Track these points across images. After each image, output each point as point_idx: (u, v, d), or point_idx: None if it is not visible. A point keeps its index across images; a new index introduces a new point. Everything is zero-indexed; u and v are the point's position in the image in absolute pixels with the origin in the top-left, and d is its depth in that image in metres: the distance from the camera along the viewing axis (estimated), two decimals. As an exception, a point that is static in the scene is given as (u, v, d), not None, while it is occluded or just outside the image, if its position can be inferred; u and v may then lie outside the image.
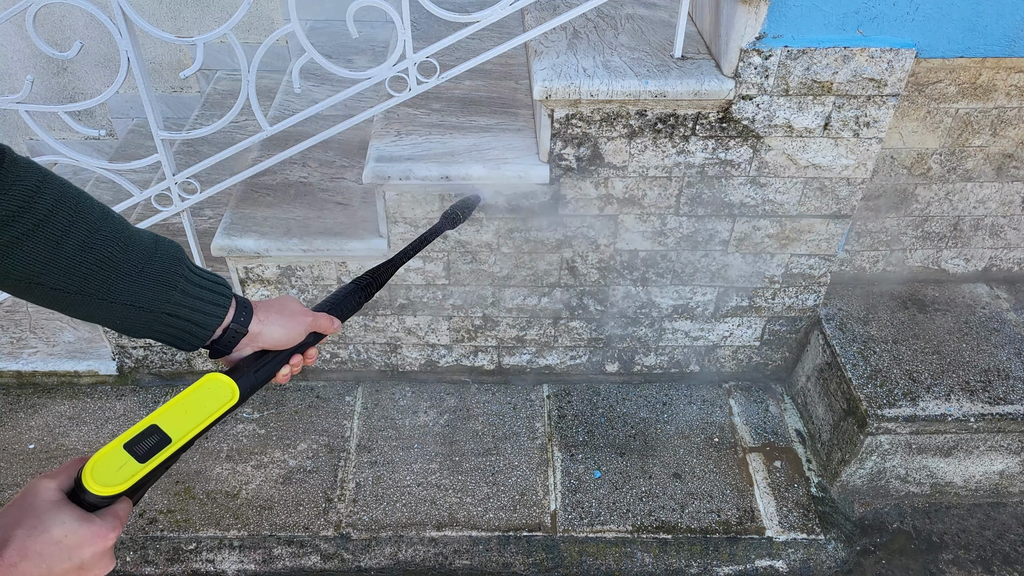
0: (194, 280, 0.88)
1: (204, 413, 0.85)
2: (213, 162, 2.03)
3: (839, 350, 2.28)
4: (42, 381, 2.50)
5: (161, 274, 0.85)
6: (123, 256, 0.82)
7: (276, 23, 3.25)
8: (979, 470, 2.28)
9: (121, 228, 0.83)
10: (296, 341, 0.97)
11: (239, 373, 0.92)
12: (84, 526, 0.73)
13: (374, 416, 2.45)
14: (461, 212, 1.27)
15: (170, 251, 0.87)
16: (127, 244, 0.83)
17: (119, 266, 0.82)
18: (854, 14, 1.80)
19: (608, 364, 2.55)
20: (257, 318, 0.93)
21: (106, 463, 0.76)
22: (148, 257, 0.84)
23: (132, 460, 0.77)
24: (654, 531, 2.19)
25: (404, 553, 2.15)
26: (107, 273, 0.81)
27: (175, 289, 0.86)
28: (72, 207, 0.79)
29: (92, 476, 0.75)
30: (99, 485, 0.75)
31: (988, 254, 2.49)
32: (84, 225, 0.80)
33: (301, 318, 0.97)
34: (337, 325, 1.04)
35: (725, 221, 2.17)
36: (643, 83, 1.86)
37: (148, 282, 0.84)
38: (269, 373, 0.95)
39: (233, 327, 0.91)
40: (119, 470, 0.76)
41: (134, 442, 0.78)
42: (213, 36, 1.77)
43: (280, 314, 0.95)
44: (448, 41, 1.84)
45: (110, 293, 0.82)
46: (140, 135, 3.43)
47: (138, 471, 0.77)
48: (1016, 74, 2.06)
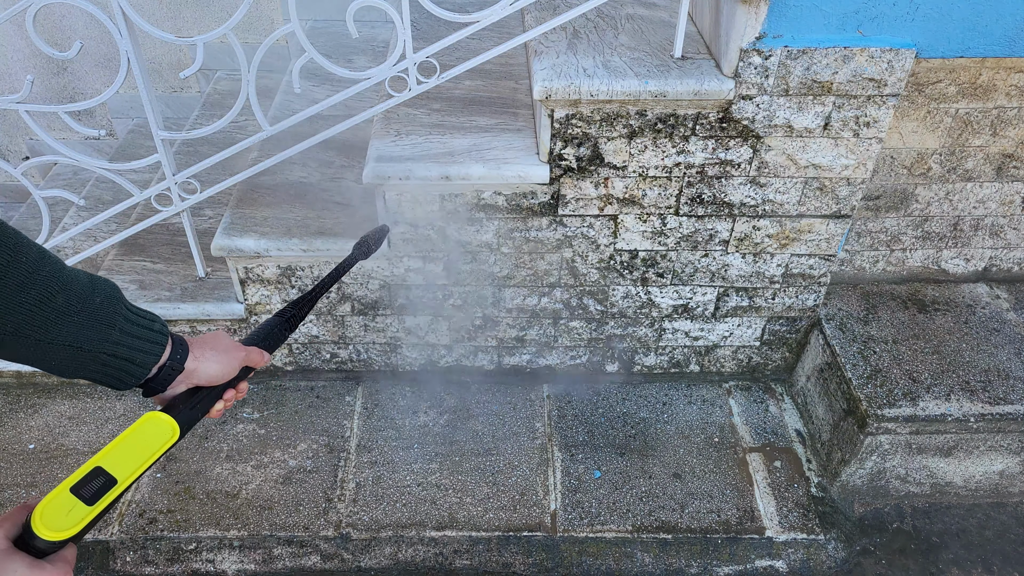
0: (131, 319, 0.88)
1: (147, 452, 0.86)
2: (213, 162, 2.03)
3: (839, 350, 2.28)
4: (42, 381, 2.50)
5: (99, 313, 0.84)
6: (62, 295, 0.81)
7: (276, 23, 3.25)
8: (979, 470, 2.28)
9: (58, 268, 0.82)
10: (230, 377, 0.98)
11: (175, 411, 0.92)
12: (34, 572, 0.73)
13: (374, 416, 2.45)
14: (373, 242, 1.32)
15: (107, 290, 0.86)
16: (66, 283, 0.81)
17: (58, 306, 0.80)
18: (854, 14, 1.80)
19: (608, 364, 2.55)
20: (193, 355, 0.93)
21: (55, 508, 0.76)
22: (87, 296, 0.83)
23: (80, 504, 0.77)
24: (654, 531, 2.19)
25: (404, 553, 2.15)
26: (45, 313, 0.79)
27: (114, 328, 0.85)
28: (10, 248, 0.77)
29: (42, 522, 0.75)
30: (50, 531, 0.75)
31: (988, 254, 2.49)
32: (22, 266, 0.78)
33: (235, 353, 0.98)
34: (267, 358, 1.05)
35: (725, 221, 2.17)
36: (643, 83, 1.86)
37: (86, 321, 0.83)
38: (204, 409, 0.96)
39: (170, 364, 0.91)
40: (68, 514, 0.77)
41: (80, 485, 0.79)
42: (213, 36, 1.78)
43: (215, 350, 0.96)
44: (448, 41, 1.84)
45: (47, 334, 0.80)
46: (140, 135, 3.43)
47: (87, 514, 0.78)
48: (1016, 74, 2.06)
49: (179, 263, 2.45)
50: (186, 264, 2.43)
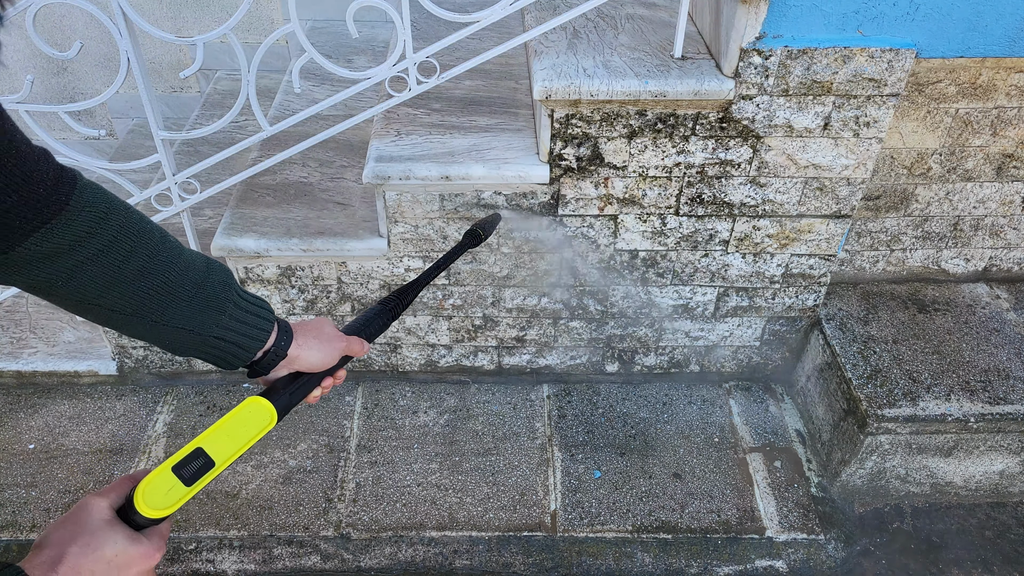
0: (241, 305, 0.92)
1: (246, 436, 0.90)
2: (213, 162, 2.03)
3: (839, 350, 2.28)
4: (42, 381, 2.50)
5: (212, 299, 0.89)
6: (178, 282, 0.86)
7: (276, 23, 3.25)
8: (979, 470, 2.28)
9: (177, 253, 0.87)
10: (330, 365, 1.01)
11: (275, 395, 0.96)
12: (133, 546, 0.77)
13: (374, 416, 2.45)
14: (483, 230, 1.32)
15: (220, 276, 0.91)
16: (183, 270, 0.86)
17: (174, 291, 0.85)
18: (854, 14, 1.80)
19: (608, 364, 2.55)
20: (296, 342, 0.97)
21: (156, 486, 0.81)
22: (201, 283, 0.88)
23: (179, 484, 0.82)
24: (654, 531, 2.19)
25: (404, 553, 2.15)
26: (162, 298, 0.85)
27: (224, 314, 0.90)
28: (135, 233, 0.82)
29: (144, 499, 0.79)
30: (150, 508, 0.79)
31: (988, 254, 2.49)
32: (144, 251, 0.83)
33: (336, 343, 1.01)
34: (367, 348, 1.08)
35: (725, 221, 2.17)
36: (643, 83, 1.86)
37: (200, 306, 0.88)
38: (302, 395, 0.99)
39: (273, 350, 0.95)
40: (167, 493, 0.81)
41: (181, 465, 0.83)
42: (213, 36, 1.77)
43: (317, 339, 0.99)
44: (448, 41, 1.84)
45: (163, 316, 0.86)
46: (140, 135, 3.43)
47: (184, 494, 0.82)
48: (1016, 74, 2.06)
49: (179, 263, 2.45)
50: (186, 264, 2.42)
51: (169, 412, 2.44)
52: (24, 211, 0.73)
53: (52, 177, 0.75)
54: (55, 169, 0.76)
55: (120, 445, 2.34)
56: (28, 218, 0.74)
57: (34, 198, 0.73)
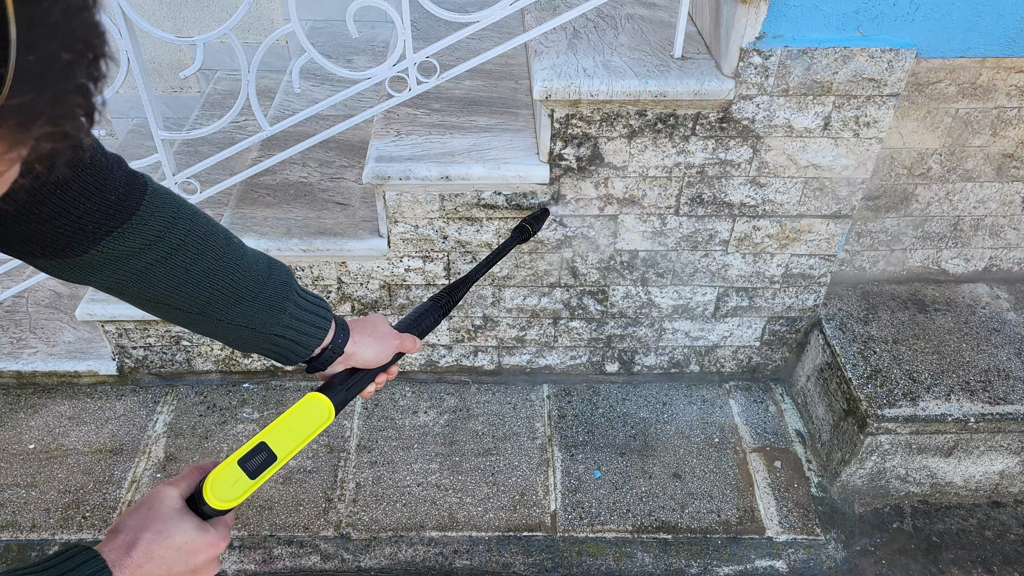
0: (301, 304, 0.96)
1: (305, 431, 0.93)
2: (213, 162, 2.03)
3: (839, 350, 2.28)
4: (42, 381, 2.50)
5: (273, 299, 0.93)
6: (242, 282, 0.90)
7: (276, 23, 3.25)
8: (979, 470, 2.28)
9: (241, 255, 0.91)
10: (384, 362, 1.06)
11: (332, 390, 1.00)
12: (202, 535, 0.81)
13: (374, 416, 2.45)
14: (531, 225, 1.33)
15: (282, 276, 0.95)
16: (246, 271, 0.91)
17: (238, 292, 0.90)
18: (854, 14, 1.80)
19: (608, 364, 2.55)
20: (352, 340, 1.01)
21: (223, 478, 0.84)
22: (263, 283, 0.92)
23: (245, 476, 0.86)
24: (654, 531, 2.19)
25: (404, 553, 2.15)
26: (227, 297, 0.89)
27: (284, 313, 0.94)
28: (201, 236, 0.86)
29: (212, 491, 0.83)
30: (218, 500, 0.83)
31: (988, 254, 2.49)
32: (210, 253, 0.87)
33: (391, 340, 1.06)
34: (419, 344, 1.11)
35: (725, 221, 2.17)
36: (643, 83, 1.86)
37: (262, 306, 0.92)
38: (358, 390, 1.04)
39: (331, 347, 0.99)
40: (233, 485, 0.85)
41: (246, 458, 0.87)
42: (213, 36, 1.78)
43: (372, 336, 1.03)
44: (448, 41, 1.84)
45: (228, 315, 0.90)
46: (140, 135, 3.43)
47: (249, 487, 0.85)
48: (1016, 74, 2.06)
49: (179, 263, 2.45)
50: (186, 264, 2.42)
51: (169, 412, 2.44)
52: (97, 216, 0.77)
53: (124, 183, 0.79)
54: (127, 175, 0.80)
55: (120, 445, 2.34)
56: (101, 223, 0.77)
57: (107, 204, 0.77)
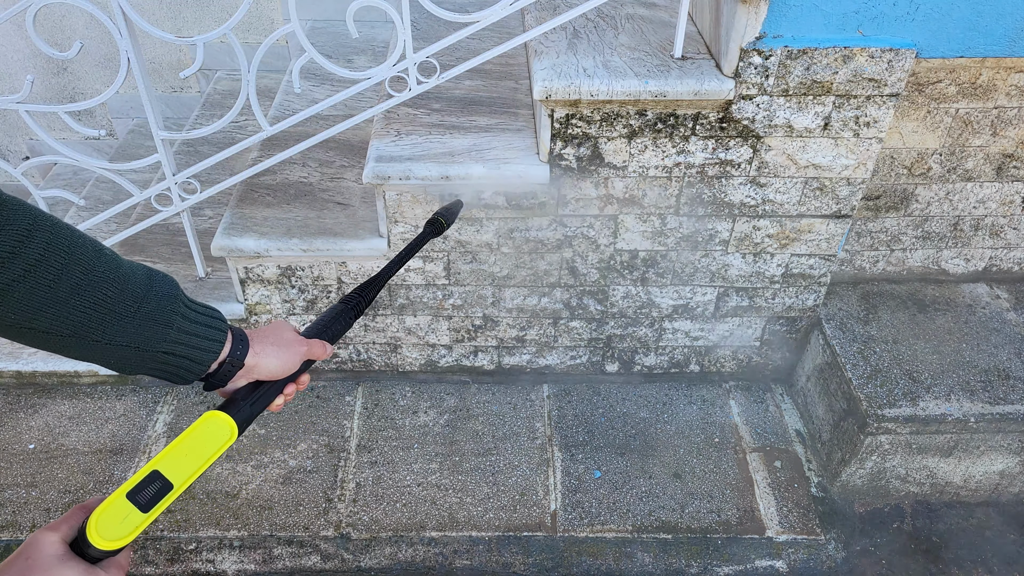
0: (190, 316, 0.87)
1: (204, 455, 0.85)
2: (213, 162, 2.03)
3: (839, 350, 2.28)
4: (42, 381, 2.50)
5: (156, 313, 0.83)
6: (118, 297, 0.80)
7: (276, 23, 3.25)
8: (979, 470, 2.28)
9: (114, 267, 0.81)
10: (291, 371, 0.97)
11: (235, 407, 0.91)
12: None
13: (374, 416, 2.45)
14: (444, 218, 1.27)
15: (164, 288, 0.85)
16: (122, 284, 0.81)
17: (114, 307, 0.80)
18: (854, 14, 1.80)
19: (608, 364, 2.55)
20: (253, 350, 0.92)
21: (110, 515, 0.76)
22: (143, 296, 0.82)
23: (135, 510, 0.77)
24: (654, 531, 2.19)
25: (404, 553, 2.15)
26: (102, 315, 0.79)
27: (171, 327, 0.84)
28: (65, 249, 0.77)
29: (97, 531, 0.75)
30: (104, 540, 0.75)
31: (988, 254, 2.49)
32: (77, 267, 0.77)
33: (296, 348, 0.97)
34: (330, 350, 1.02)
35: (725, 221, 2.17)
36: (643, 83, 1.86)
37: (144, 321, 0.82)
38: (264, 404, 0.95)
39: (229, 361, 0.90)
40: (123, 522, 0.76)
41: (136, 490, 0.79)
42: (213, 36, 1.78)
43: (276, 345, 0.94)
44: (448, 41, 1.84)
45: (104, 335, 0.80)
46: (140, 135, 3.43)
47: (141, 522, 0.77)
48: (1016, 74, 2.06)
49: (179, 263, 2.45)
50: (186, 264, 2.43)
51: (169, 412, 2.44)
52: None
53: None
54: None
55: (120, 445, 2.34)
56: None
57: None
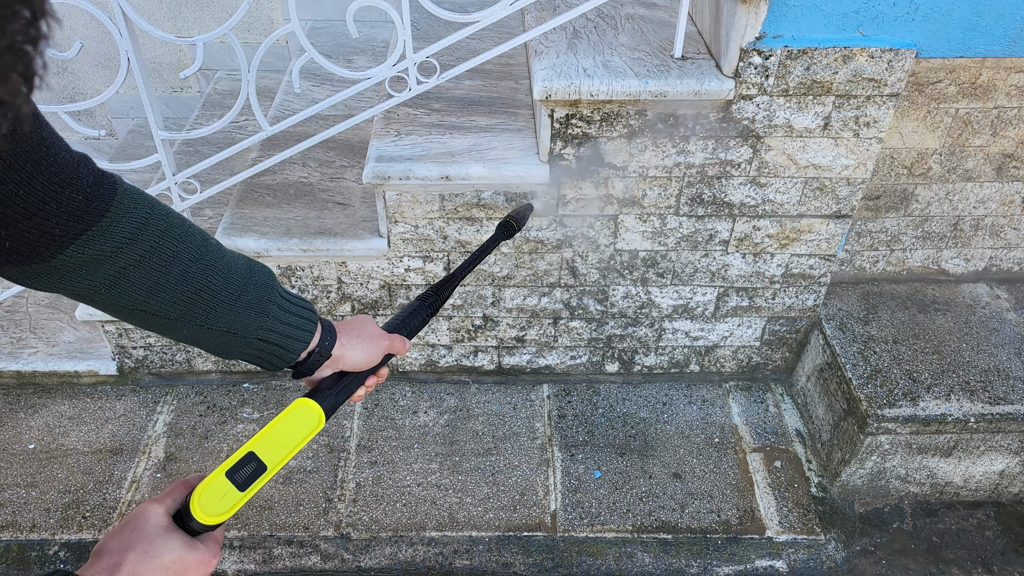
0: (284, 307, 0.92)
1: (296, 439, 0.90)
2: (213, 162, 2.03)
3: (839, 350, 2.28)
4: (42, 381, 2.50)
5: (255, 302, 0.88)
6: (221, 285, 0.86)
7: (276, 23, 3.25)
8: (979, 470, 2.28)
9: (219, 257, 0.87)
10: (373, 364, 1.01)
11: (322, 395, 0.96)
12: (191, 552, 0.77)
13: (374, 416, 2.45)
14: (516, 221, 1.29)
15: (262, 278, 0.91)
16: (226, 273, 0.86)
17: (217, 295, 0.85)
18: (854, 14, 1.80)
19: (608, 364, 2.55)
20: (340, 342, 0.97)
21: (211, 492, 0.81)
22: (243, 285, 0.88)
23: (234, 489, 0.82)
24: (654, 531, 2.19)
25: (404, 553, 2.15)
26: (207, 301, 0.85)
27: (267, 316, 0.90)
28: (177, 238, 0.82)
29: (200, 506, 0.80)
30: (207, 515, 0.79)
31: (988, 254, 2.49)
32: (186, 255, 0.83)
33: (379, 342, 1.01)
34: (408, 345, 1.07)
35: (725, 221, 2.17)
36: (643, 83, 1.86)
37: (244, 310, 0.88)
38: (348, 394, 1.00)
39: (318, 351, 0.95)
40: (222, 499, 0.81)
41: (235, 469, 0.83)
42: (213, 36, 1.77)
43: (360, 338, 0.99)
44: (448, 41, 1.84)
45: (207, 320, 0.85)
46: (140, 135, 3.43)
47: (239, 500, 0.82)
48: (1016, 74, 2.06)
49: (179, 263, 2.45)
50: (186, 264, 2.42)
51: (169, 412, 2.44)
52: (64, 218, 0.72)
53: (91, 183, 0.74)
54: (95, 175, 0.75)
55: (120, 445, 2.34)
56: (68, 225, 0.73)
57: (73, 205, 0.72)
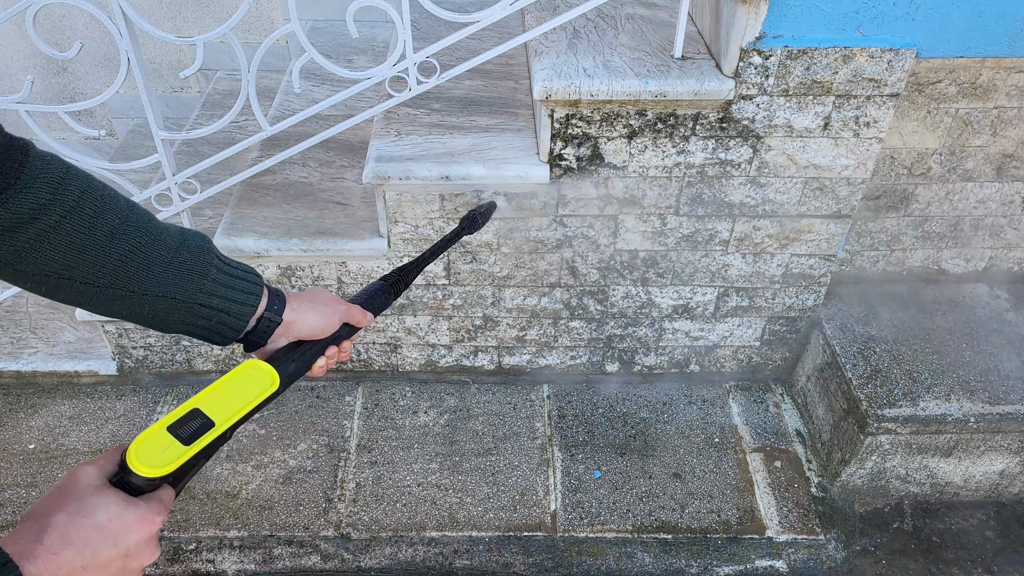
0: (225, 270, 0.86)
1: (246, 398, 0.82)
2: (213, 162, 2.03)
3: (839, 350, 2.28)
4: (42, 381, 2.50)
5: (191, 263, 0.83)
6: (152, 245, 0.80)
7: (276, 23, 3.25)
8: (979, 470, 2.28)
9: (147, 219, 0.82)
10: (331, 330, 0.95)
11: (276, 361, 0.89)
12: (129, 510, 0.70)
13: (374, 416, 2.45)
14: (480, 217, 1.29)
15: (198, 241, 0.85)
16: (156, 234, 0.81)
17: (148, 256, 0.80)
18: (854, 14, 1.80)
19: (608, 364, 2.55)
20: (290, 306, 0.91)
21: (150, 445, 0.73)
22: (177, 247, 0.82)
23: (176, 442, 0.74)
24: (654, 531, 2.19)
25: (404, 553, 2.15)
26: (137, 263, 0.80)
27: (206, 278, 0.84)
28: (98, 198, 0.78)
29: (137, 457, 0.72)
30: (145, 466, 0.71)
31: (988, 254, 2.49)
32: (111, 215, 0.78)
33: (335, 306, 0.95)
34: (369, 318, 1.01)
35: (725, 221, 2.17)
36: (643, 83, 1.86)
37: (178, 271, 0.82)
38: (306, 362, 0.93)
39: (267, 316, 0.89)
40: (164, 452, 0.73)
41: (177, 425, 0.75)
42: (213, 36, 1.77)
43: (313, 303, 0.93)
44: (448, 41, 1.84)
45: (140, 284, 0.80)
46: (140, 135, 3.43)
47: (183, 453, 0.74)
48: (1016, 74, 2.06)
49: (179, 263, 2.45)
50: (186, 264, 2.42)
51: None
52: None
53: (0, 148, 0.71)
54: (3, 140, 0.72)
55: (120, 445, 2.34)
56: None
57: None
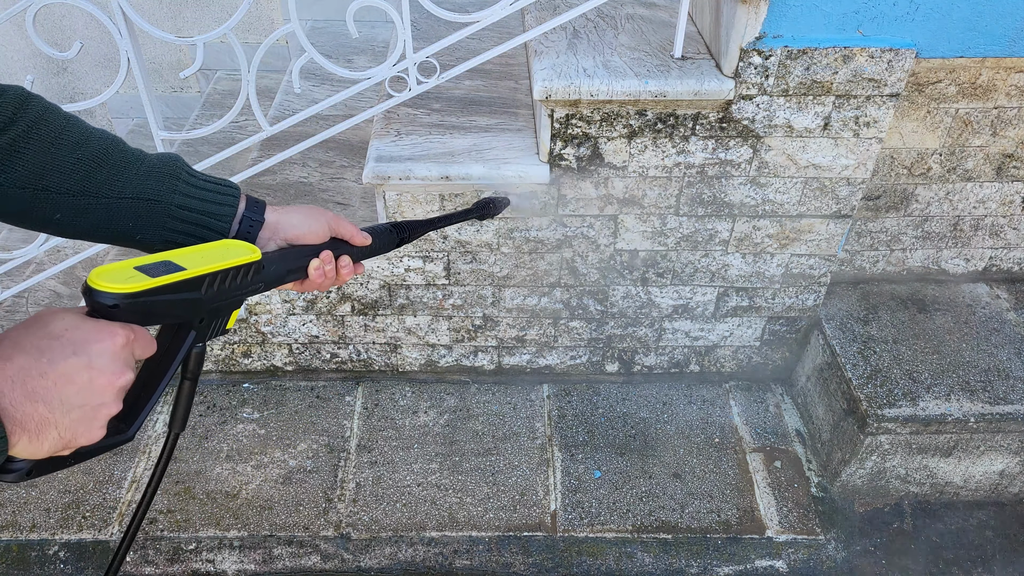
0: (195, 174, 0.87)
1: (221, 258, 0.79)
2: (213, 162, 2.03)
3: (839, 350, 2.28)
4: (42, 381, 2.50)
5: (161, 166, 0.84)
6: (120, 151, 0.82)
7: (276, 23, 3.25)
8: (979, 470, 2.28)
9: (113, 136, 0.84)
10: (318, 234, 0.93)
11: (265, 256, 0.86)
12: (88, 321, 0.65)
13: (374, 416, 2.45)
14: (493, 207, 1.29)
15: (167, 153, 0.87)
16: (120, 144, 0.84)
17: (117, 160, 0.82)
18: (854, 14, 1.80)
19: (608, 364, 2.55)
20: (271, 208, 0.90)
21: (114, 271, 0.70)
22: (142, 156, 0.84)
23: (142, 274, 0.71)
24: (654, 531, 2.19)
25: (404, 553, 2.15)
26: (108, 168, 0.81)
27: (179, 180, 0.84)
28: (60, 114, 0.81)
29: (99, 276, 0.69)
30: (107, 283, 0.68)
31: (988, 254, 2.49)
32: (76, 127, 0.81)
33: (320, 210, 0.94)
34: (362, 239, 0.98)
35: (725, 221, 2.17)
36: (643, 83, 1.86)
37: (150, 173, 0.83)
38: (295, 262, 0.90)
39: (248, 215, 0.88)
40: (128, 278, 0.70)
41: (145, 267, 0.73)
42: (213, 36, 1.77)
43: (297, 207, 0.93)
44: (448, 41, 1.84)
45: (114, 188, 0.81)
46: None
47: (148, 283, 0.71)
48: (1016, 74, 2.06)
49: (179, 263, 2.45)
50: (186, 264, 2.42)
51: (168, 412, 2.44)
52: None
53: None
54: None
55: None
56: None
57: None
